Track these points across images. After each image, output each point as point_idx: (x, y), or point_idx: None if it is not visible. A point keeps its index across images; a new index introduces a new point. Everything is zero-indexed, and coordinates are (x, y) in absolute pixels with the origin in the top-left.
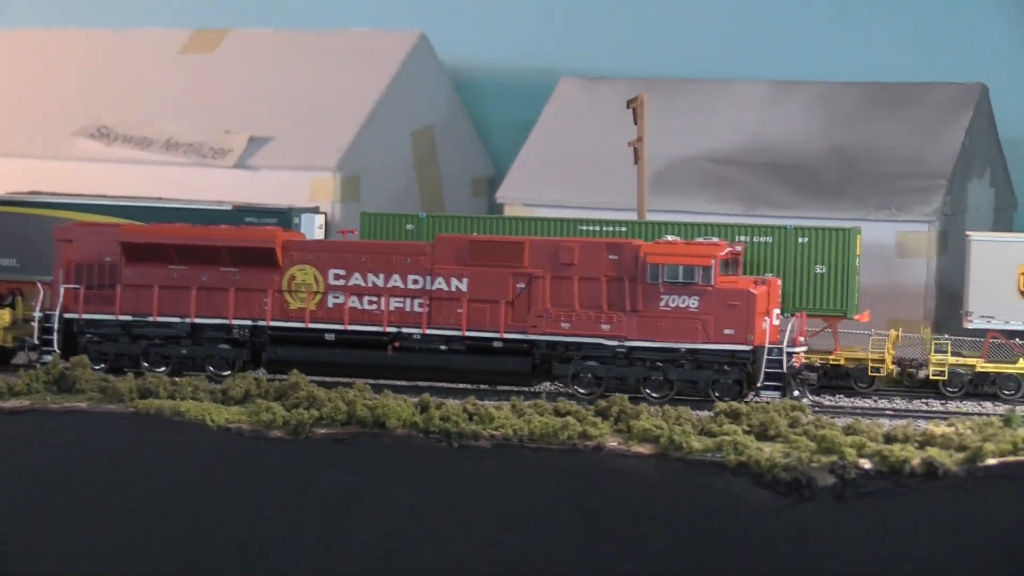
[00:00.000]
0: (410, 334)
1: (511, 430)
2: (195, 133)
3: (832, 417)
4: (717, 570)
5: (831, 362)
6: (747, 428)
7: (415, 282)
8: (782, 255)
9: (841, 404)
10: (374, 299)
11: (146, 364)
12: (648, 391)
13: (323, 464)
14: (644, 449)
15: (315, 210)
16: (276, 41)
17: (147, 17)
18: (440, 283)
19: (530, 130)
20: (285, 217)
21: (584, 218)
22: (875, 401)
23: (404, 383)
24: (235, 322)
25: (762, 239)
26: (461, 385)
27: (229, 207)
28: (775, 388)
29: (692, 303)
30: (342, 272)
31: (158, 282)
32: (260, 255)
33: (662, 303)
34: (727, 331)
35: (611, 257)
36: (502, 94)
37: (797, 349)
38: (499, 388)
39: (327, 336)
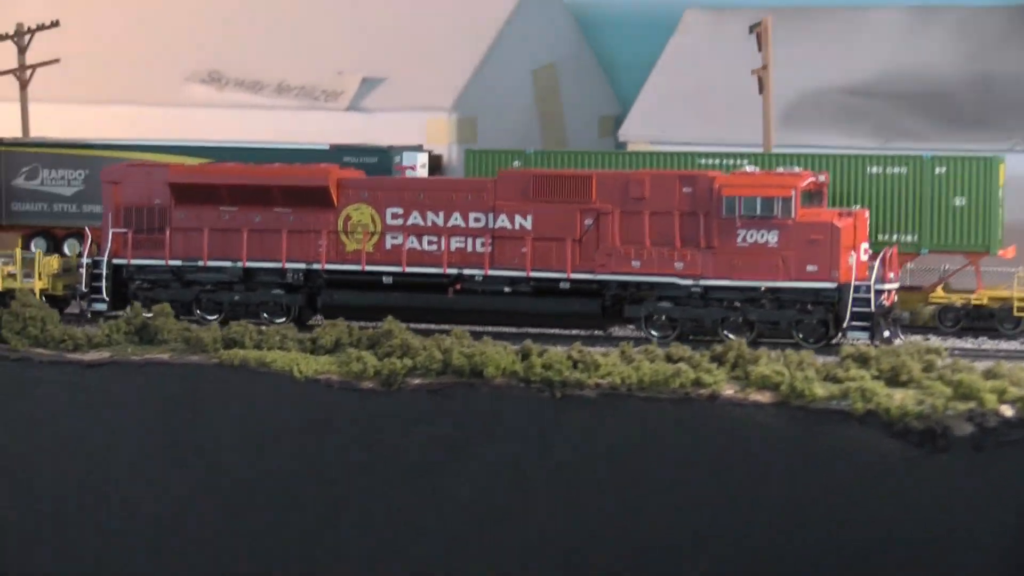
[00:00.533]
0: (472, 275)
1: (619, 378)
2: (307, 75)
3: (972, 361)
4: (841, 526)
5: (973, 302)
6: (876, 374)
7: (477, 220)
8: (917, 187)
9: (984, 347)
10: (433, 239)
11: (199, 311)
12: (727, 333)
13: (417, 417)
14: (763, 397)
15: (418, 148)
16: None
17: None
18: (503, 221)
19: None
20: (385, 156)
21: (704, 152)
22: (1022, 343)
23: (509, 329)
24: (289, 266)
25: (896, 170)
26: (559, 331)
27: (326, 147)
28: (863, 329)
29: (771, 238)
30: (400, 211)
31: (209, 225)
32: (314, 194)
33: (739, 238)
34: (810, 268)
35: (684, 190)
36: (627, 29)
37: (887, 286)
38: (600, 333)
39: (385, 279)
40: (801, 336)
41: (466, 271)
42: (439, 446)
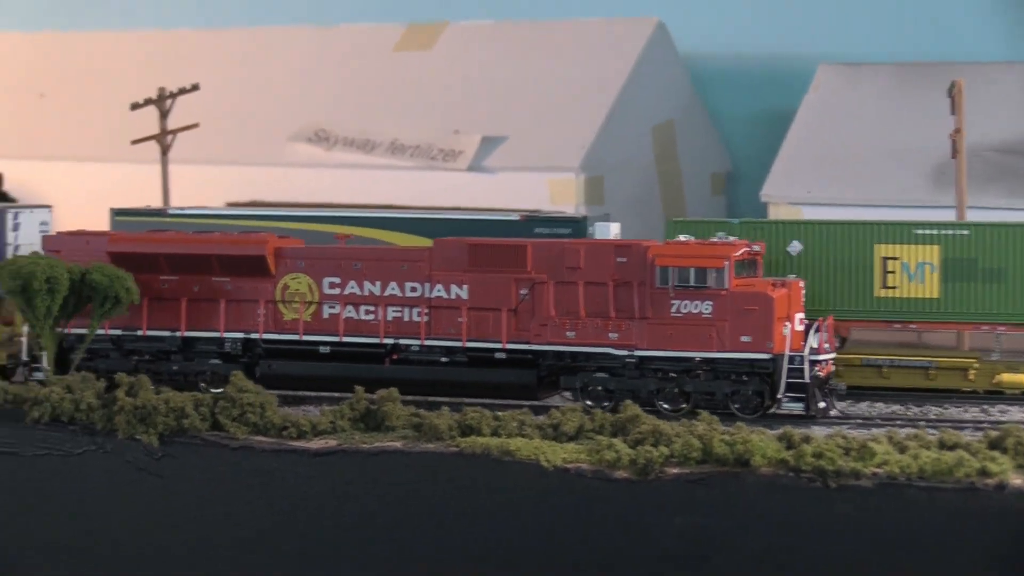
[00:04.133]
0: (408, 345)
1: (897, 467)
2: (421, 135)
3: None
4: None
5: None
6: None
7: (413, 290)
8: None
9: None
10: (371, 308)
11: None
12: (662, 404)
13: (676, 507)
14: None
15: (606, 217)
16: (499, 34)
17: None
18: (439, 290)
19: (772, 120)
20: (579, 226)
21: (916, 220)
22: None
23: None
24: (227, 335)
25: None
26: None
27: (517, 217)
28: (798, 400)
29: (705, 308)
30: (337, 280)
31: (148, 294)
32: (251, 263)
33: (673, 309)
34: (744, 338)
35: (619, 260)
36: (735, 83)
37: (822, 357)
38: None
39: (322, 349)
40: (737, 407)
41: (403, 341)
42: (701, 537)
